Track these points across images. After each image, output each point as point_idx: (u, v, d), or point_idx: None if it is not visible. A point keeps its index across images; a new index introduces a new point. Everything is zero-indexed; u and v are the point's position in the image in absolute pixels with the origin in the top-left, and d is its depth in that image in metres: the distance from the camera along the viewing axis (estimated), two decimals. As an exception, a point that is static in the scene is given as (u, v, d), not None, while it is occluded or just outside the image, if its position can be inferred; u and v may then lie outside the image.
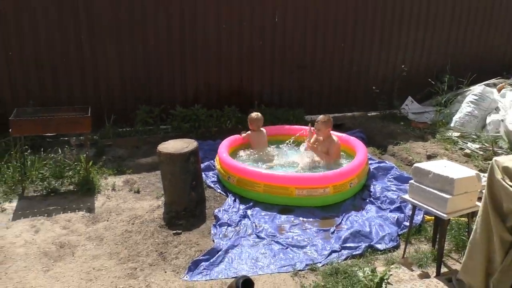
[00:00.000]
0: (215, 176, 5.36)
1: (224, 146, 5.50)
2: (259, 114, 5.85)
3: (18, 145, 4.95)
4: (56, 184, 5.06)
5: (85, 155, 5.16)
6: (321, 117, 5.42)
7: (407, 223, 4.07)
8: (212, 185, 5.15)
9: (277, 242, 3.95)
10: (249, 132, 5.85)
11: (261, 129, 5.89)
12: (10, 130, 4.68)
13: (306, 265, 3.65)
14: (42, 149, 5.54)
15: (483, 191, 3.06)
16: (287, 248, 3.88)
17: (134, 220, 4.38)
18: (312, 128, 5.54)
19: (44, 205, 4.66)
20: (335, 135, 5.59)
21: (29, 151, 5.29)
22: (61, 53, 6.26)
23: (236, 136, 5.90)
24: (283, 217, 4.43)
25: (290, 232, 4.15)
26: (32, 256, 3.78)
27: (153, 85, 6.78)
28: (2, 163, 5.12)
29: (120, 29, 6.42)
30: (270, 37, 7.16)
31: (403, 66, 7.92)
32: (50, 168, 5.22)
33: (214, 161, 5.60)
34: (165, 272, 3.58)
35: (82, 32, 6.26)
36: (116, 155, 6.04)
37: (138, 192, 4.99)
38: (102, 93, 6.57)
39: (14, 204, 4.68)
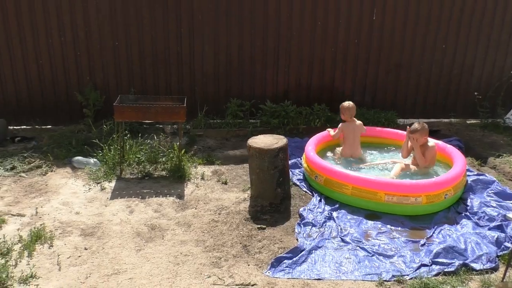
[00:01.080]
0: (301, 174, 5.34)
1: (312, 144, 5.46)
2: (351, 102, 5.62)
3: (120, 129, 5.31)
4: (150, 169, 5.36)
5: (178, 143, 5.39)
6: (415, 125, 5.13)
7: (509, 244, 3.75)
8: (298, 183, 5.14)
9: (363, 249, 3.84)
10: (340, 124, 5.66)
11: (355, 119, 5.63)
12: (113, 115, 5.03)
13: (393, 276, 3.51)
14: (139, 135, 5.89)
15: None
16: (373, 255, 3.76)
17: (221, 211, 4.51)
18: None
19: (138, 188, 4.96)
20: (433, 141, 5.31)
21: (128, 135, 5.65)
22: (163, 47, 6.60)
23: (324, 133, 5.80)
24: (370, 222, 4.30)
25: (377, 239, 4.02)
26: (126, 234, 4.04)
27: (246, 80, 6.91)
28: (105, 145, 5.52)
29: (218, 25, 6.62)
30: (366, 36, 6.97)
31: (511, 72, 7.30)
32: (145, 153, 5.54)
33: (301, 158, 5.58)
34: (248, 265, 3.64)
35: (182, 26, 6.55)
36: (206, 145, 6.26)
37: (225, 183, 5.12)
38: (197, 85, 6.83)
39: (112, 184, 5.03)
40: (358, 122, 5.62)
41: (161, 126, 6.69)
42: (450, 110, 7.48)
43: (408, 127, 5.23)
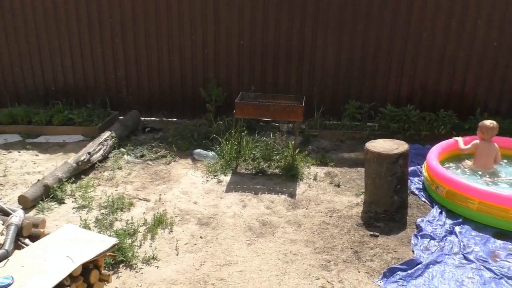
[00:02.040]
0: (420, 183, 5.07)
1: (435, 152, 5.13)
2: (494, 123, 5.14)
3: (238, 126, 5.53)
4: (264, 166, 5.51)
5: (293, 142, 5.46)
6: None
7: None
8: (417, 192, 4.88)
9: (489, 269, 3.52)
10: (476, 141, 5.26)
11: (492, 141, 5.18)
12: (234, 111, 5.26)
13: (523, 304, 3.17)
14: (256, 132, 6.08)
15: None
16: (500, 278, 3.42)
17: (332, 213, 4.47)
18: None
19: (252, 183, 5.13)
20: None
21: (245, 132, 5.87)
22: (285, 45, 6.73)
23: (450, 141, 5.41)
24: (499, 242, 3.91)
25: (506, 261, 3.64)
26: (238, 227, 4.20)
27: (366, 81, 6.75)
28: (224, 140, 5.80)
29: (343, 24, 6.55)
30: (509, 36, 6.34)
31: None
32: (261, 150, 5.70)
33: (421, 166, 5.29)
34: (359, 271, 3.56)
35: (307, 25, 6.60)
36: (321, 146, 6.24)
37: (338, 186, 5.06)
38: (316, 84, 6.84)
39: (228, 177, 5.26)
40: (496, 146, 5.14)
41: (277, 124, 6.83)
42: None
43: None
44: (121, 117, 6.93)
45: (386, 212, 4.35)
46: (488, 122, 5.13)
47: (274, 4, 6.58)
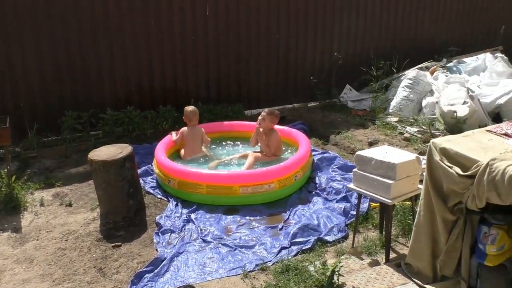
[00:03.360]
0: (154, 181, 5.23)
1: (161, 148, 5.38)
2: (192, 107, 5.74)
3: None
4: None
5: (6, 170, 4.84)
6: (266, 109, 5.50)
7: (354, 212, 4.16)
8: (152, 191, 5.01)
9: (225, 245, 3.91)
10: (183, 128, 5.70)
11: (196, 125, 5.74)
12: None
13: (256, 265, 3.64)
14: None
15: (424, 173, 3.19)
16: (235, 249, 3.85)
17: (68, 236, 4.17)
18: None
19: (-38, 230, 4.32)
20: (276, 128, 5.64)
21: None
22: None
23: (169, 136, 5.78)
24: (229, 217, 4.39)
25: (238, 232, 4.12)
26: (-49, 287, 3.49)
27: (80, 89, 6.49)
28: None
29: (38, 34, 6.07)
30: (202, 30, 7.07)
31: (335, 54, 8.10)
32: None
33: (152, 165, 5.46)
34: (106, 289, 3.43)
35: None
36: (43, 167, 5.72)
37: (70, 205, 4.75)
38: (22, 100, 6.19)
39: None
40: (201, 129, 5.71)
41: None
42: (291, 96, 8.02)
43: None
44: None
45: (124, 219, 4.32)
46: (187, 108, 5.67)
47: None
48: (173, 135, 5.74)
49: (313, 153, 5.67)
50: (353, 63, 8.36)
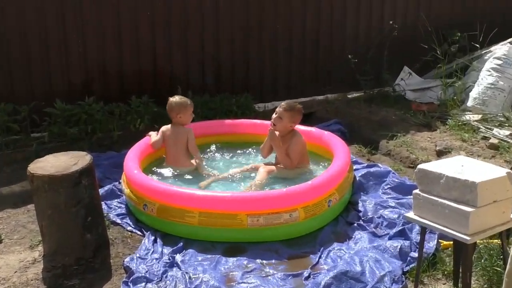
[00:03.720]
0: (123, 206, 5.25)
1: (134, 157, 5.41)
2: (178, 97, 5.77)
3: None
4: None
5: None
6: (284, 103, 5.52)
7: (415, 254, 4.12)
8: (119, 221, 5.03)
9: (222, 301, 3.90)
10: (165, 127, 5.77)
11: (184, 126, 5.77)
12: None
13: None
14: None
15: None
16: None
17: (-4, 288, 4.20)
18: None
19: None
20: (299, 129, 5.64)
21: None
22: None
23: (147, 139, 5.84)
24: (231, 260, 4.38)
25: (244, 282, 4.10)
26: None
27: (16, 73, 6.57)
28: None
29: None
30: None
31: (391, 22, 8.07)
32: None
33: (120, 182, 5.47)
34: None
35: None
36: (-39, 186, 5.80)
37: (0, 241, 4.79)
38: None
39: None
40: (188, 129, 5.76)
41: None
42: (323, 82, 8.01)
43: None
44: None
45: (79, 261, 4.33)
46: (172, 99, 5.71)
47: None
48: (152, 137, 5.77)
49: (355, 166, 5.65)
50: (414, 35, 8.33)
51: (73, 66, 6.83)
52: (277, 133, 5.50)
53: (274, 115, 5.49)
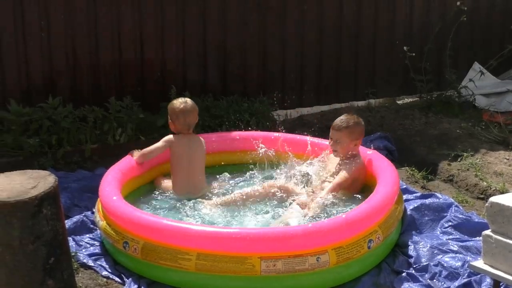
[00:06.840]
0: (97, 244, 5.29)
1: (113, 180, 5.43)
2: (189, 101, 5.83)
3: None
4: None
5: None
6: (341, 118, 5.64)
7: (486, 317, 4.12)
8: (92, 263, 5.04)
9: None
10: (167, 137, 5.80)
11: (192, 131, 5.86)
12: None
13: None
14: None
15: None
16: None
17: None
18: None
19: None
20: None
21: None
22: None
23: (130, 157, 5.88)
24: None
25: None
26: None
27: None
28: None
29: None
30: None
31: (458, 3, 8.06)
32: None
33: (93, 211, 5.51)
34: None
35: None
36: None
37: None
38: None
39: None
40: (200, 140, 5.86)
41: None
42: (365, 83, 8.03)
43: None
44: None
45: (37, 317, 4.37)
46: (177, 102, 5.76)
47: None
48: (134, 155, 5.83)
49: (406, 196, 5.65)
50: (489, 21, 8.33)
51: (33, 56, 6.89)
52: (339, 156, 5.65)
53: (331, 138, 5.61)
